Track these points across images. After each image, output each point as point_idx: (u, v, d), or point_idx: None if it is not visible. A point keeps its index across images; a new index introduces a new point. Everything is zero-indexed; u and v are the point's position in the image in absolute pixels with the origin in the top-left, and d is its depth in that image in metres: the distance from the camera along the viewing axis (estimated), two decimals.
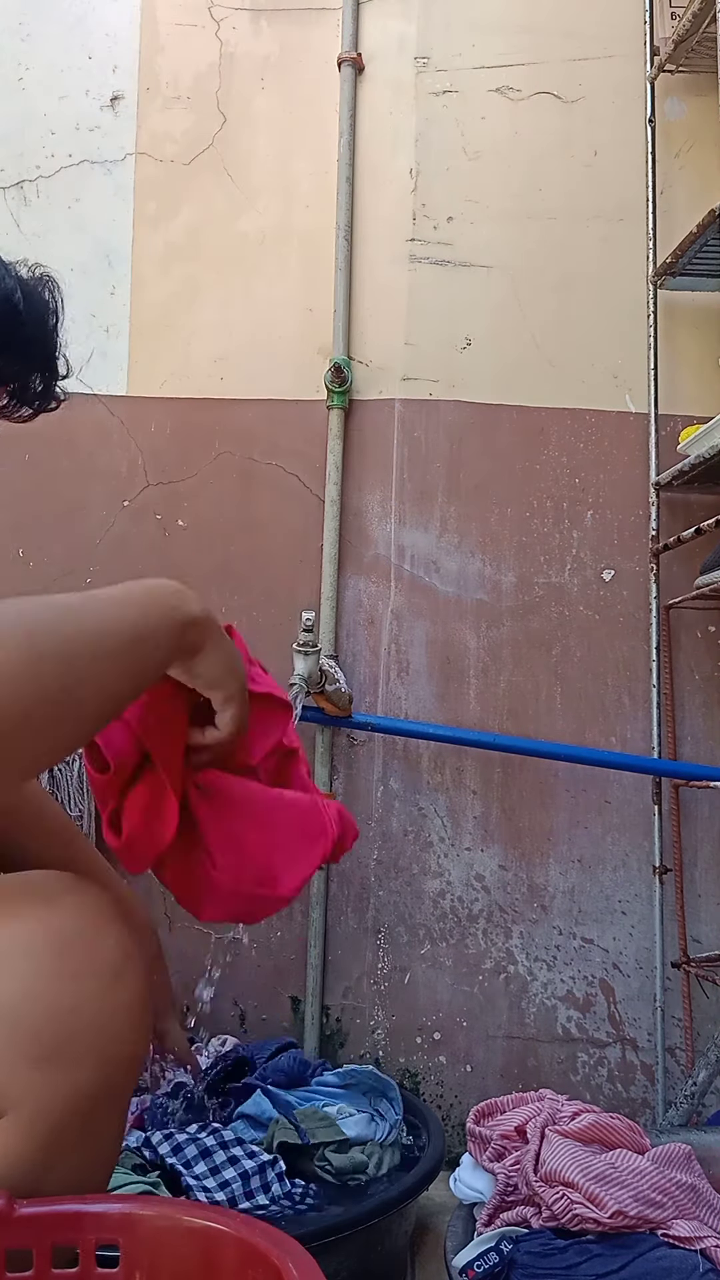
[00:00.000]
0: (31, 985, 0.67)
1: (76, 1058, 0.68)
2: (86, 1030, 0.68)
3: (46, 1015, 0.67)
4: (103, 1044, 0.69)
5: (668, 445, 1.79)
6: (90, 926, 0.71)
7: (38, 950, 0.68)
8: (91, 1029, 0.68)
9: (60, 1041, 0.67)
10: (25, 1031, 0.66)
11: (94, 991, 0.69)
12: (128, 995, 0.71)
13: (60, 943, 0.69)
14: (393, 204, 1.90)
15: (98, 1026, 0.69)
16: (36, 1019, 0.67)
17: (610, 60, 1.90)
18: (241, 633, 0.95)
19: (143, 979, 0.73)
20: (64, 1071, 0.67)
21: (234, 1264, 0.62)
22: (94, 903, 0.73)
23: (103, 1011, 0.69)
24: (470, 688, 1.80)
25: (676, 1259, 1.01)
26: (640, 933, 1.74)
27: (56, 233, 1.91)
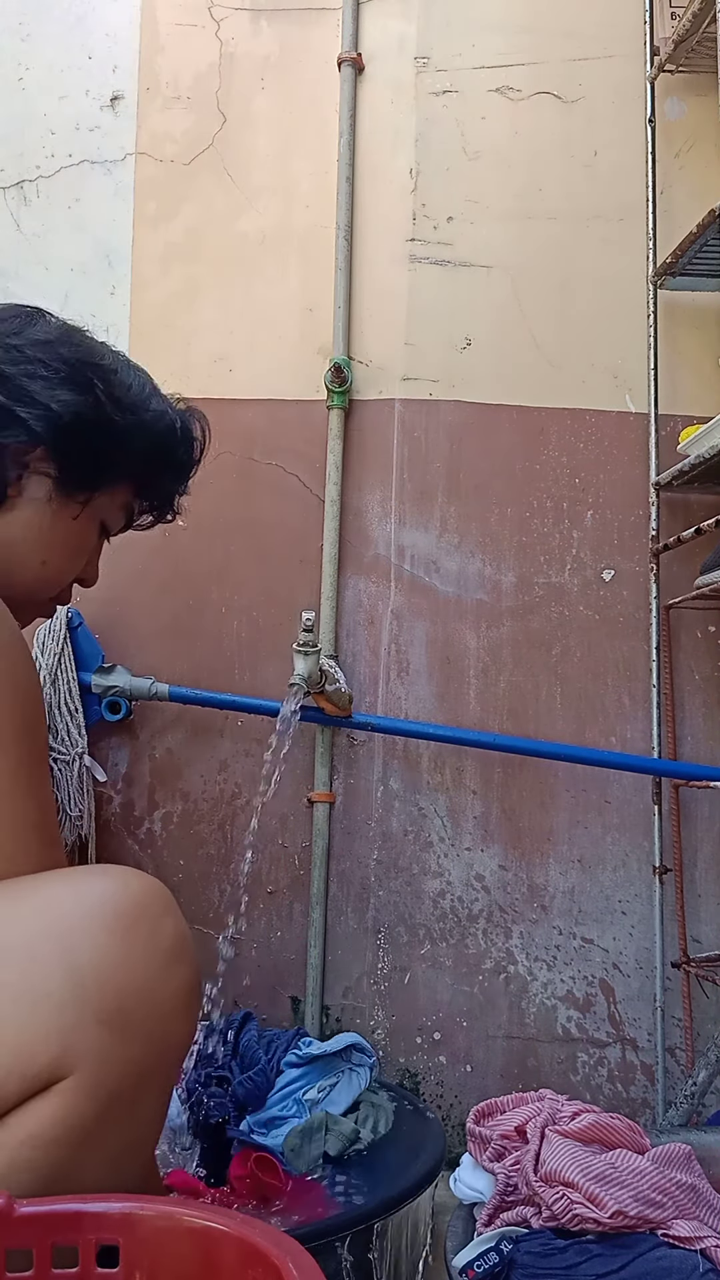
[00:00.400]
0: (104, 953, 0.72)
1: (137, 1028, 0.72)
2: (147, 1005, 0.73)
3: (115, 984, 0.71)
4: (158, 1020, 0.73)
5: (668, 445, 1.79)
6: (154, 910, 0.76)
7: (109, 924, 0.73)
8: (151, 1004, 0.73)
9: (125, 1011, 0.71)
10: (97, 995, 0.70)
11: (156, 970, 0.74)
12: (183, 979, 0.76)
13: (129, 920, 0.74)
14: (393, 204, 1.90)
15: (156, 1003, 0.73)
16: (108, 984, 0.71)
17: (610, 60, 1.90)
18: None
19: (196, 967, 0.78)
20: (126, 1040, 0.71)
21: (234, 1264, 0.62)
22: (157, 890, 0.78)
23: (162, 990, 0.74)
24: (470, 688, 1.80)
25: (676, 1259, 1.01)
26: (640, 933, 1.74)
27: (56, 233, 1.91)
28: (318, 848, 1.75)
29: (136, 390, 1.07)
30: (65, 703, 1.69)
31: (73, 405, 0.97)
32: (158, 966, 0.74)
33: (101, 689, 1.72)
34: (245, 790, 1.77)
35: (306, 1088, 1.35)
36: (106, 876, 0.78)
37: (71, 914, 0.73)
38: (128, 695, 1.73)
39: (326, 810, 1.76)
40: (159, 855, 1.78)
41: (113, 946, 0.72)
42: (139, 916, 0.75)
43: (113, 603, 1.82)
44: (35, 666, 1.08)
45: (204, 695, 1.74)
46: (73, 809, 1.66)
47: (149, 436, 1.06)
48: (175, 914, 0.78)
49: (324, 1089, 1.33)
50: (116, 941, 0.73)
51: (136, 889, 0.76)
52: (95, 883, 0.77)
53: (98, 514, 1.05)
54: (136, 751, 1.80)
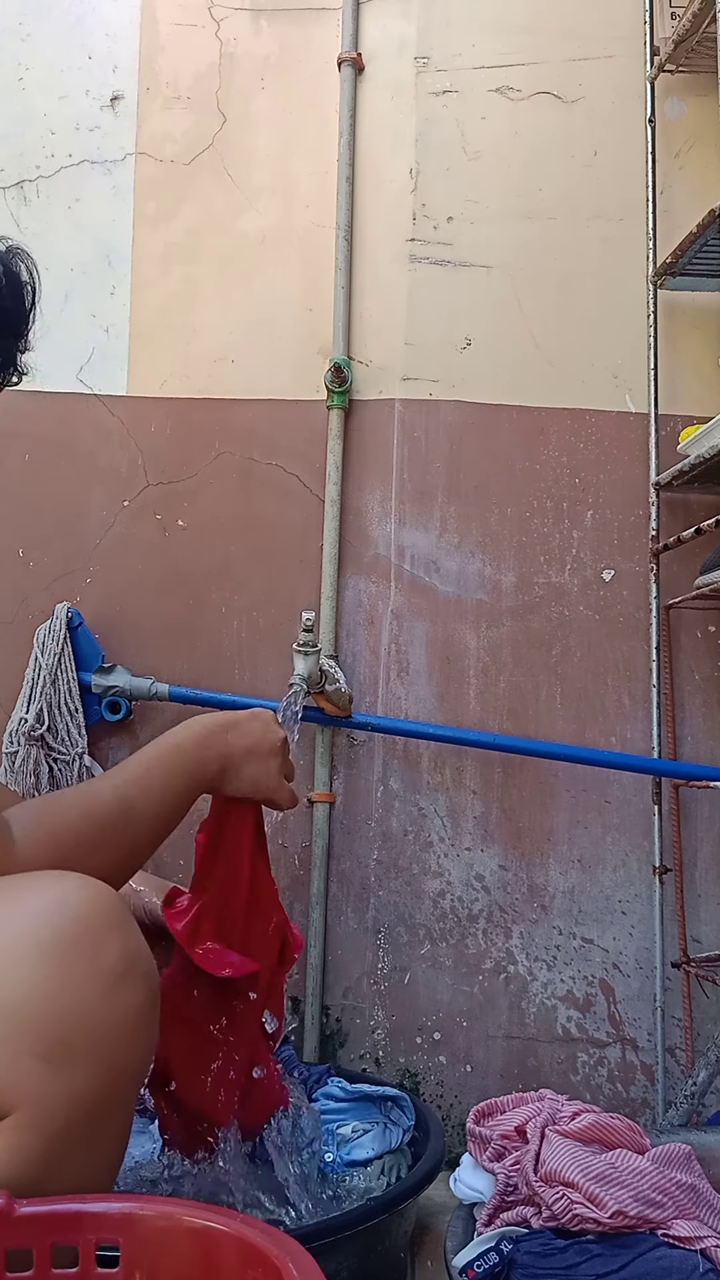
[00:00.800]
0: (39, 984, 0.68)
1: (81, 1060, 0.68)
2: (91, 1033, 0.68)
3: (53, 1015, 0.67)
4: (107, 1048, 0.69)
5: (668, 445, 1.79)
6: (97, 927, 0.71)
7: (44, 949, 0.69)
8: (96, 1032, 0.69)
9: (66, 1042, 0.67)
10: (33, 1029, 0.67)
11: (98, 995, 0.69)
12: (132, 1000, 0.71)
13: (67, 941, 0.70)
14: (393, 204, 1.90)
15: (101, 1031, 0.69)
16: (43, 1018, 0.67)
17: (610, 60, 1.90)
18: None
19: (148, 984, 0.74)
20: (69, 1072, 0.67)
21: (234, 1264, 0.62)
22: (103, 903, 0.73)
23: (107, 1015, 0.69)
24: (470, 688, 1.80)
25: (676, 1259, 1.01)
26: (640, 933, 1.74)
27: (56, 232, 1.91)
28: (318, 848, 1.75)
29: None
30: (65, 702, 1.69)
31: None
32: (101, 990, 0.69)
33: (101, 689, 1.72)
34: None
35: (342, 1123, 1.35)
36: (44, 891, 0.73)
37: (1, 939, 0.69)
38: (128, 695, 1.73)
39: (326, 810, 1.76)
40: (158, 856, 1.77)
41: (47, 975, 0.68)
42: (78, 937, 0.70)
43: (113, 603, 1.82)
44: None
45: (204, 695, 1.74)
46: None
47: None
48: (124, 928, 0.73)
49: (358, 1130, 1.33)
50: (52, 968, 0.68)
51: (76, 904, 0.72)
52: (30, 901, 0.72)
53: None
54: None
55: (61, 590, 1.81)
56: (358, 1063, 1.72)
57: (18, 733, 1.65)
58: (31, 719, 1.65)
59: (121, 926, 0.73)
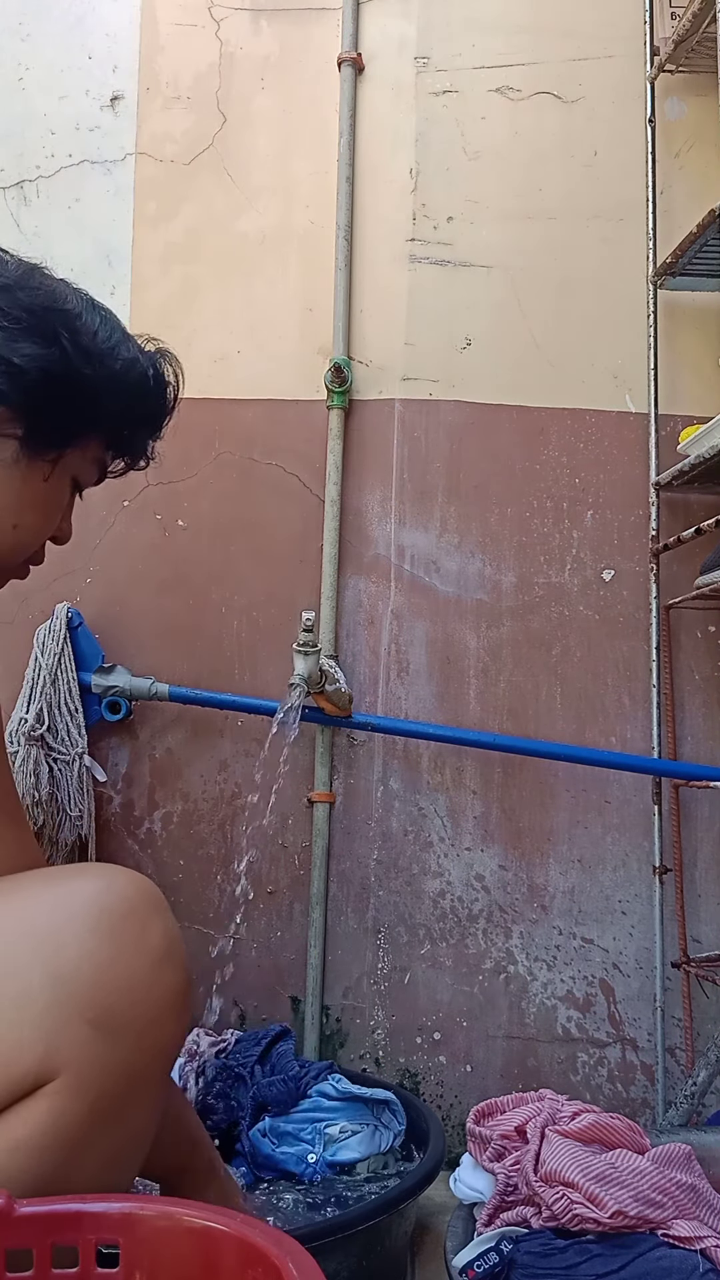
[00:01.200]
0: (91, 955, 0.71)
1: (125, 1030, 0.71)
2: (135, 1006, 0.71)
3: (101, 984, 0.70)
4: (147, 1021, 0.72)
5: (668, 445, 1.79)
6: (142, 910, 0.75)
7: (95, 924, 0.72)
8: (140, 1005, 0.72)
9: (113, 1011, 0.70)
10: (83, 996, 0.69)
11: (145, 970, 0.73)
12: (172, 980, 0.74)
13: (116, 920, 0.73)
14: (393, 204, 1.90)
15: (145, 1004, 0.72)
16: (95, 986, 0.70)
17: (610, 60, 1.90)
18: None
19: (185, 968, 0.77)
20: (114, 1041, 0.70)
21: (234, 1264, 0.62)
22: (145, 890, 0.76)
23: (151, 991, 0.73)
24: (470, 688, 1.80)
25: (676, 1259, 1.01)
26: (640, 933, 1.74)
27: (56, 233, 1.91)
28: (318, 848, 1.75)
29: (104, 337, 0.96)
30: (65, 702, 1.69)
31: (38, 360, 0.86)
32: (146, 967, 0.73)
33: (101, 689, 1.72)
34: (245, 790, 1.77)
35: (331, 1122, 1.35)
36: (92, 876, 0.76)
37: (55, 915, 0.72)
38: (128, 695, 1.73)
39: (326, 810, 1.76)
40: (159, 855, 1.78)
41: (99, 947, 0.71)
42: (126, 916, 0.73)
43: (113, 603, 1.82)
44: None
45: (204, 695, 1.74)
46: (72, 809, 1.66)
47: (120, 387, 0.97)
48: (164, 914, 0.76)
49: (346, 1132, 1.33)
50: (103, 942, 0.71)
51: (123, 888, 0.75)
52: (80, 883, 0.75)
53: (69, 471, 0.99)
54: (136, 751, 1.80)
55: (61, 590, 1.81)
56: (358, 1063, 1.72)
57: (18, 733, 1.65)
58: (31, 719, 1.65)
59: (163, 912, 0.76)
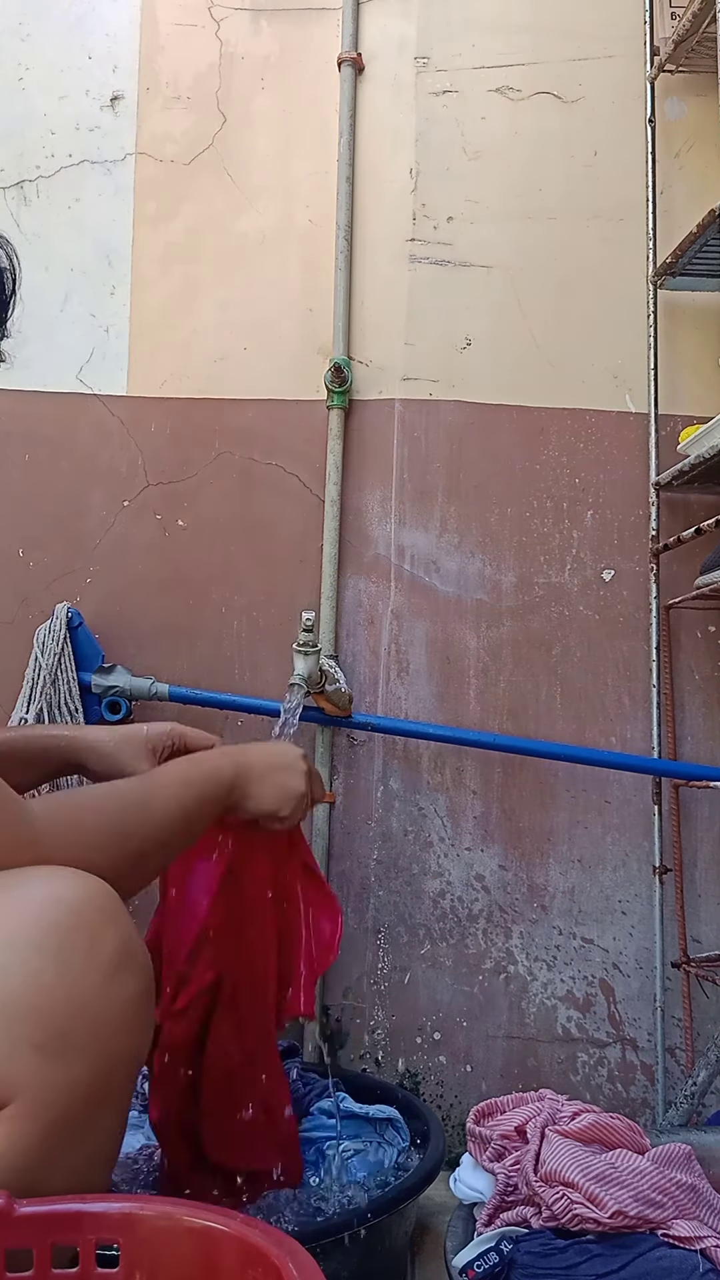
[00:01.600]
0: (36, 976, 0.68)
1: (79, 1050, 0.69)
2: (89, 1024, 0.69)
3: (50, 1006, 0.68)
4: (104, 1039, 0.70)
5: (668, 445, 1.79)
6: (94, 919, 0.72)
7: (40, 942, 0.70)
8: (92, 1023, 0.70)
9: (63, 1033, 0.68)
10: (30, 1020, 0.67)
11: (94, 986, 0.70)
12: (128, 992, 0.72)
13: (64, 933, 0.70)
14: (393, 204, 1.90)
15: (98, 1021, 0.70)
16: (40, 1009, 0.68)
17: (610, 60, 1.90)
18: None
19: (145, 974, 0.75)
20: (66, 1063, 0.68)
21: (234, 1264, 0.62)
22: (98, 896, 0.74)
23: (104, 1006, 0.70)
24: (470, 688, 1.80)
25: (676, 1259, 1.01)
26: (640, 933, 1.74)
27: (56, 233, 1.91)
28: (318, 848, 1.75)
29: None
30: (65, 703, 1.69)
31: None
32: (99, 981, 0.71)
33: (101, 689, 1.72)
34: None
35: (333, 1142, 1.34)
36: (38, 886, 0.74)
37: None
38: (128, 695, 1.73)
39: (326, 810, 1.76)
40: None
41: (44, 965, 0.69)
42: (75, 928, 0.71)
43: (113, 603, 1.82)
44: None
45: (204, 695, 1.74)
46: None
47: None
48: (119, 920, 0.74)
49: (349, 1151, 1.32)
50: (48, 960, 0.69)
51: (71, 899, 0.73)
52: (26, 893, 0.73)
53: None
54: None
55: (61, 590, 1.81)
56: (358, 1063, 1.72)
57: None
58: (31, 719, 1.65)
59: (118, 919, 0.74)
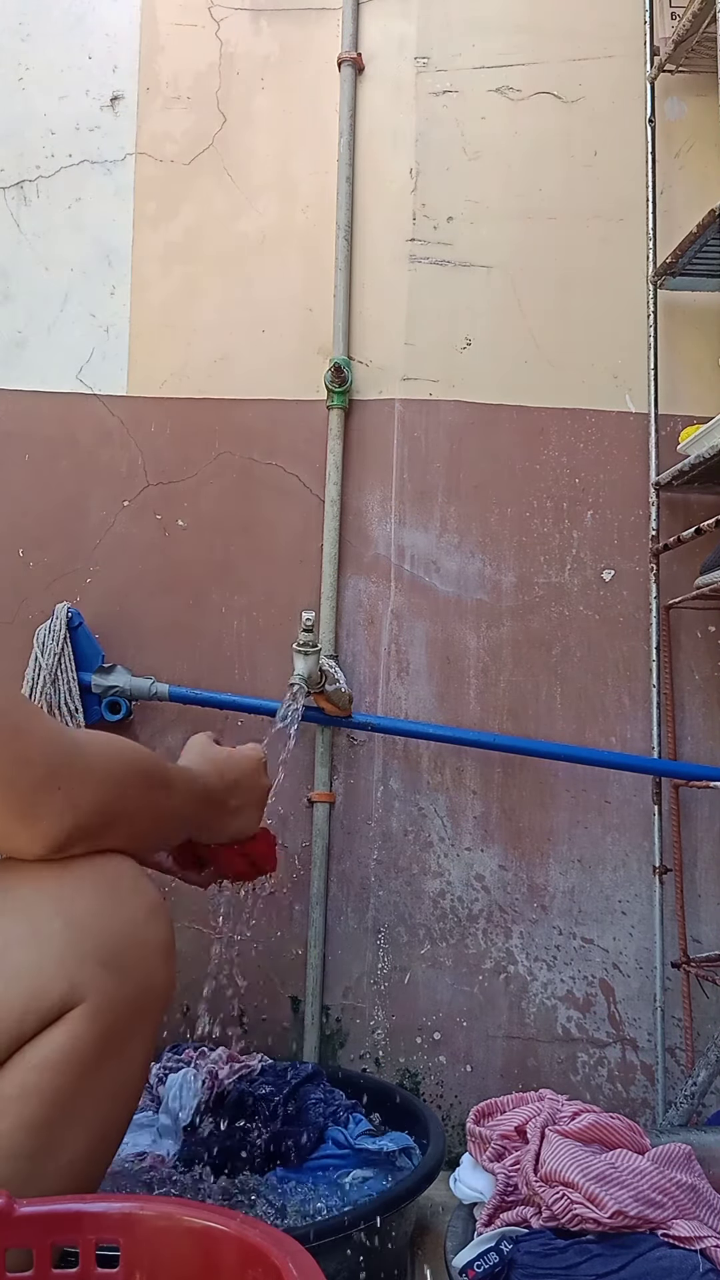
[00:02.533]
0: (97, 906, 0.83)
1: (130, 969, 0.83)
2: (136, 950, 0.84)
3: (109, 930, 0.83)
4: (146, 966, 0.85)
5: (668, 445, 1.79)
6: (132, 873, 0.88)
7: (96, 884, 0.85)
8: (139, 950, 0.85)
9: (119, 953, 0.83)
10: (95, 940, 0.82)
11: (141, 922, 0.86)
12: (163, 931, 0.88)
13: (113, 883, 0.86)
14: (393, 204, 1.90)
15: (144, 951, 0.85)
16: (102, 932, 0.83)
17: (610, 60, 1.90)
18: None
19: (170, 927, 0.89)
20: (120, 978, 0.82)
21: (234, 1264, 0.62)
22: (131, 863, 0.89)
23: (148, 939, 0.86)
24: (470, 688, 1.80)
25: (676, 1259, 1.01)
26: (640, 933, 1.74)
27: (56, 233, 1.91)
28: (318, 848, 1.75)
29: None
30: (65, 703, 1.69)
31: None
32: (142, 919, 0.86)
33: (101, 689, 1.72)
34: None
35: (343, 1171, 1.33)
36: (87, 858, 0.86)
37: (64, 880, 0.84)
38: (128, 695, 1.73)
39: (326, 810, 1.76)
40: None
41: (105, 901, 0.84)
42: (122, 876, 0.86)
43: (113, 603, 1.82)
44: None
45: (204, 695, 1.74)
46: None
47: None
48: (149, 881, 0.89)
49: (356, 1180, 1.32)
50: (104, 898, 0.84)
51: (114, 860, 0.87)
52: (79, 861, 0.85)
53: None
54: None
55: (61, 590, 1.81)
56: (358, 1062, 1.72)
57: None
58: None
59: (147, 879, 0.89)
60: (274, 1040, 1.72)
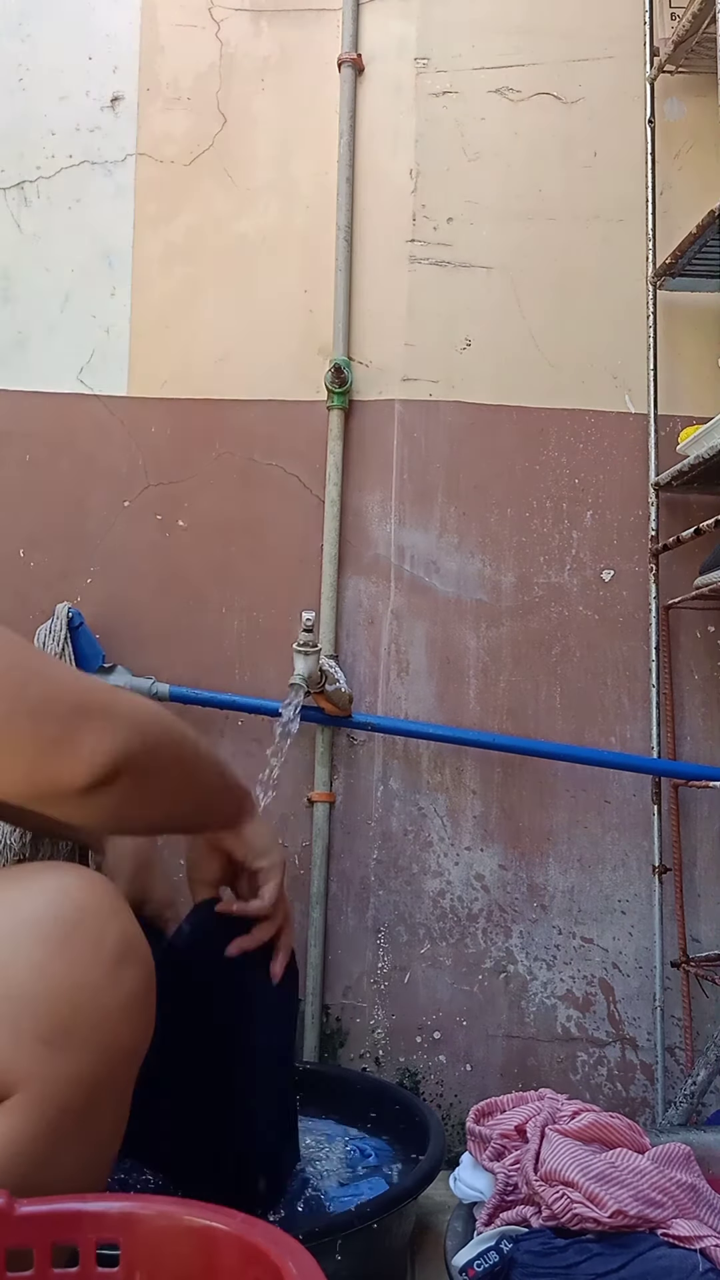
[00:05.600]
0: (41, 968, 0.70)
1: (82, 1041, 0.70)
2: (91, 1015, 0.70)
3: (54, 997, 0.69)
4: (106, 1030, 0.71)
5: (667, 445, 1.79)
6: (95, 914, 0.73)
7: (45, 934, 0.71)
8: (96, 1014, 0.71)
9: (67, 1024, 0.69)
10: (34, 1011, 0.69)
11: (98, 978, 0.72)
12: (130, 985, 0.74)
13: (68, 928, 0.72)
14: (392, 205, 1.90)
15: (102, 1012, 0.71)
16: (44, 1000, 0.69)
17: (610, 61, 1.90)
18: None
19: (146, 967, 0.76)
20: (70, 1054, 0.69)
21: (234, 1264, 0.62)
22: (101, 891, 0.76)
23: (107, 999, 0.72)
24: (470, 688, 1.80)
25: (676, 1258, 1.02)
26: (640, 932, 1.74)
27: (57, 233, 1.91)
28: (318, 847, 1.75)
29: None
30: None
31: None
32: (102, 974, 0.72)
33: None
34: None
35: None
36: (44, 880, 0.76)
37: (3, 928, 0.71)
38: None
39: (326, 810, 1.77)
40: (159, 855, 1.78)
41: (49, 958, 0.71)
42: (79, 922, 0.73)
43: (113, 603, 1.82)
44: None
45: (204, 695, 1.74)
46: None
47: None
48: (121, 913, 0.76)
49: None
50: (53, 954, 0.71)
51: (76, 893, 0.74)
52: (31, 889, 0.75)
53: None
54: None
55: (62, 590, 1.81)
56: (358, 1062, 1.72)
57: None
58: None
59: (120, 914, 0.75)
60: None
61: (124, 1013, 0.73)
